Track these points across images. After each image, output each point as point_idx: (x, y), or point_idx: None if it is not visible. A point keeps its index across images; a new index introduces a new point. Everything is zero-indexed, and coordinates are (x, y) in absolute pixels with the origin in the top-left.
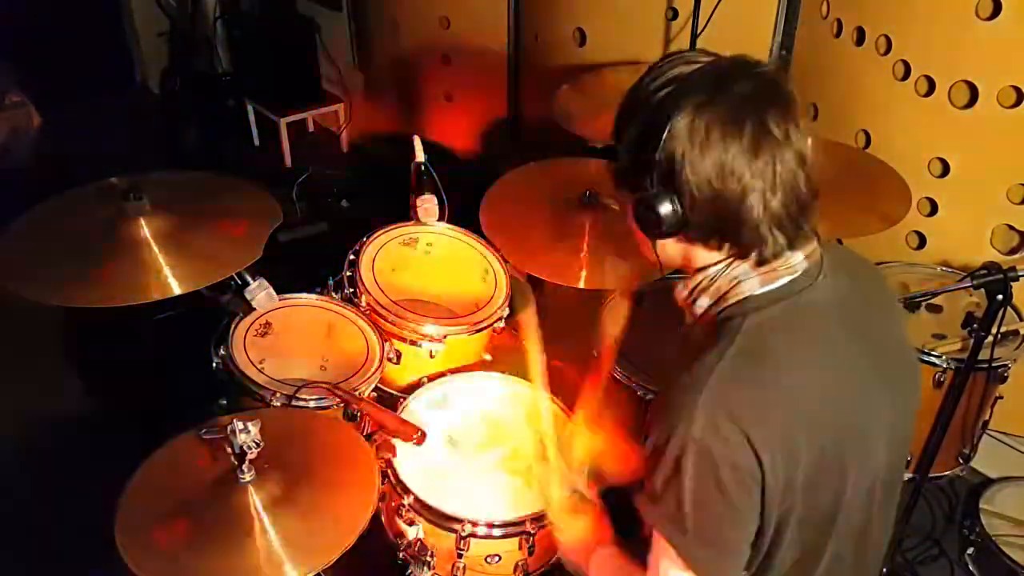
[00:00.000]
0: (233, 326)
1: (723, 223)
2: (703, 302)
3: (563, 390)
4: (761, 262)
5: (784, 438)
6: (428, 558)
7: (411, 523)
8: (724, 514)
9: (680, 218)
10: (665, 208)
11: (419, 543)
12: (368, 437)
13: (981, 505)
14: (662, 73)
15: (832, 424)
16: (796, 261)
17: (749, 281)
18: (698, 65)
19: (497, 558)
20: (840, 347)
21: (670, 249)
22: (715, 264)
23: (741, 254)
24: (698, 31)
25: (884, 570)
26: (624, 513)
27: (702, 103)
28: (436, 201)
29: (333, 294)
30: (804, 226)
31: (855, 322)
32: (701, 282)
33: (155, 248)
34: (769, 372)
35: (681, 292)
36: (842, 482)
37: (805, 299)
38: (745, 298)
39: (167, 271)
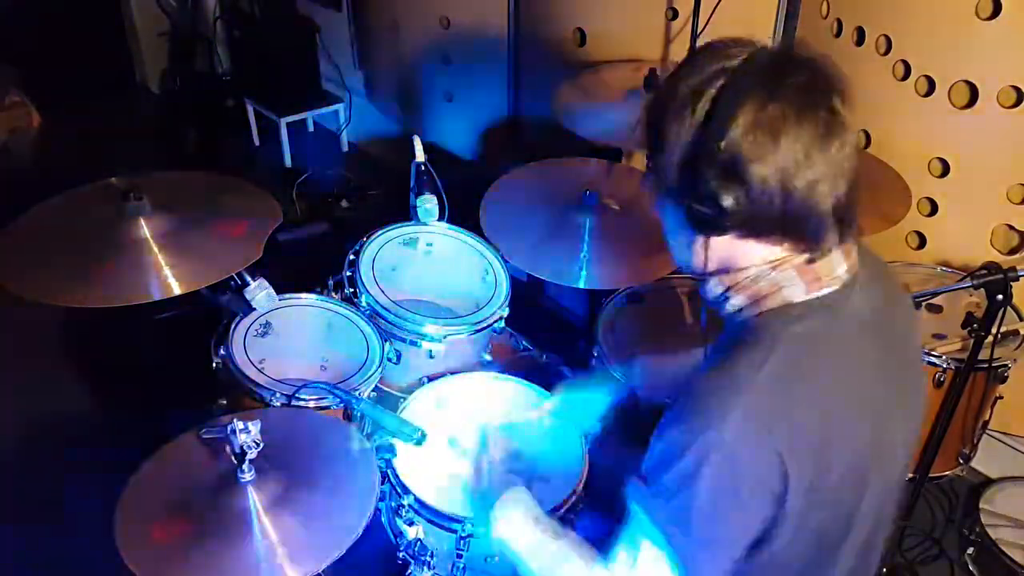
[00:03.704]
0: (233, 326)
1: (789, 215)
2: (738, 301)
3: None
4: (811, 261)
5: (816, 456)
6: (428, 558)
7: (411, 523)
8: (732, 521)
9: (744, 213)
10: (729, 202)
11: (419, 543)
12: (368, 437)
13: (981, 505)
14: (704, 66)
15: (861, 443)
16: (840, 270)
17: (793, 287)
18: (742, 56)
19: (497, 558)
20: (871, 366)
21: (719, 247)
22: (758, 265)
23: (799, 248)
24: (698, 31)
25: (884, 570)
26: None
27: (768, 93)
28: (436, 201)
29: (333, 294)
30: (856, 217)
31: (883, 336)
32: (740, 281)
33: (155, 248)
34: (807, 385)
35: (715, 288)
36: (860, 497)
37: (844, 312)
38: (787, 304)
39: (167, 271)
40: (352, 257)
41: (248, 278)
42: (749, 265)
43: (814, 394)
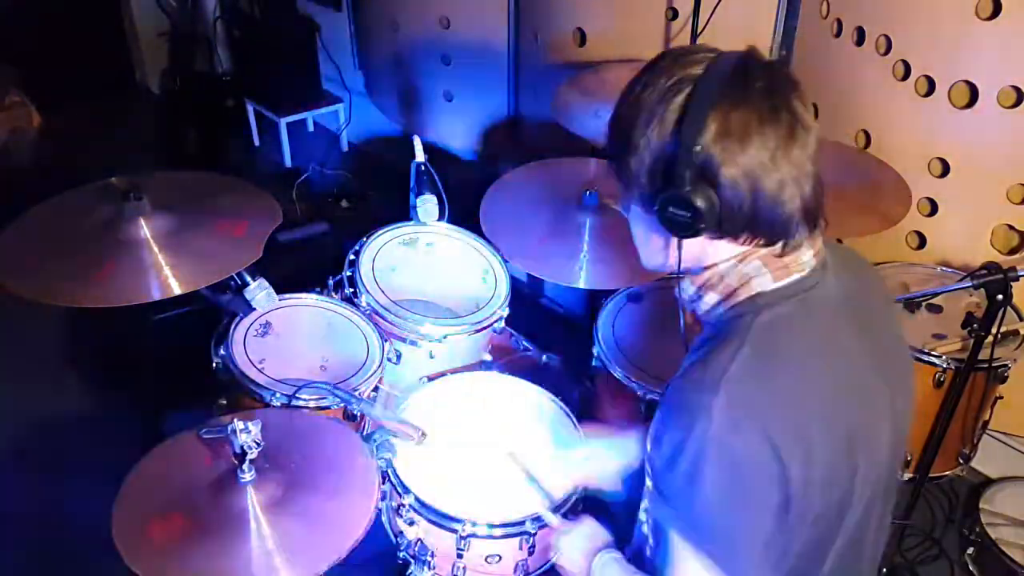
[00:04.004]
0: (233, 326)
1: (759, 215)
2: (711, 299)
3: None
4: (780, 255)
5: (800, 435)
6: (428, 558)
7: (411, 523)
8: (747, 512)
9: (716, 214)
10: (703, 205)
11: (419, 543)
12: (368, 437)
13: (981, 505)
14: (670, 74)
15: (843, 421)
16: (806, 258)
17: (761, 278)
18: (705, 63)
19: (497, 558)
20: (848, 344)
21: (690, 247)
22: (726, 261)
23: (766, 245)
24: (698, 31)
25: (884, 570)
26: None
27: (735, 99)
28: (436, 201)
29: (333, 294)
30: (822, 214)
31: (860, 320)
32: (710, 279)
33: (155, 248)
34: (783, 369)
35: (687, 289)
36: (851, 480)
37: (814, 296)
38: (756, 294)
39: (167, 271)
40: (352, 257)
41: (248, 278)
42: (718, 262)
43: (790, 376)
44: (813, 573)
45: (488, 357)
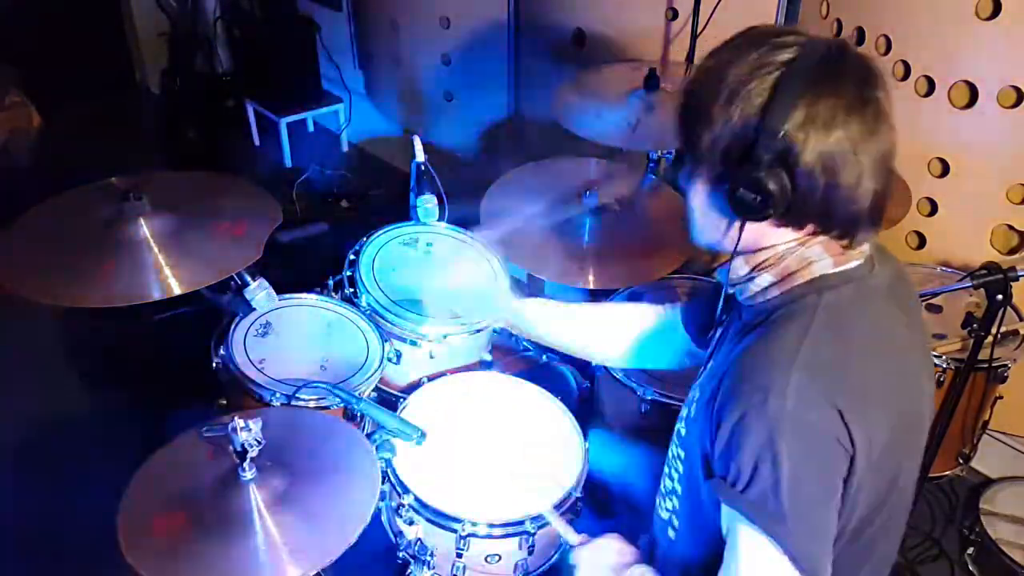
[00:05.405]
0: (233, 326)
1: (831, 206)
2: (763, 280)
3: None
4: (845, 246)
5: (866, 415)
6: (428, 558)
7: (411, 523)
8: (821, 493)
9: (787, 201)
10: (776, 189)
11: (419, 543)
12: (368, 437)
13: (981, 505)
14: (758, 54)
15: (899, 406)
16: (865, 245)
17: (822, 261)
18: (795, 47)
19: (497, 558)
20: (900, 333)
21: (753, 229)
22: (785, 243)
23: (836, 236)
24: (698, 31)
25: None
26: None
27: (824, 86)
28: (436, 201)
29: (333, 294)
30: (886, 205)
31: (903, 308)
32: (767, 259)
33: (155, 248)
34: (850, 351)
35: (739, 269)
36: (900, 465)
37: (869, 283)
38: (817, 277)
39: (167, 271)
40: (352, 257)
41: (248, 278)
42: (776, 243)
43: (856, 357)
44: (856, 555)
45: (488, 357)
